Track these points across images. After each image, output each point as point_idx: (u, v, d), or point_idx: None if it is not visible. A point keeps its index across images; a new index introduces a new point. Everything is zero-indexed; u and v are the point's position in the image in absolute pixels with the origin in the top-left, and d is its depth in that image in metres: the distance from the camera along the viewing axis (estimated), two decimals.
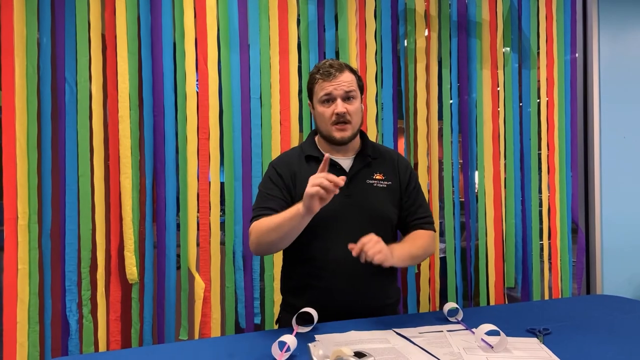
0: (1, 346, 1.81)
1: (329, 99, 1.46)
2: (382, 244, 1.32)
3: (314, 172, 1.46)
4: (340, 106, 1.44)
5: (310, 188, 1.22)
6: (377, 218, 1.52)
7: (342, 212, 1.47)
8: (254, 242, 1.44)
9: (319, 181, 1.21)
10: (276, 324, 1.69)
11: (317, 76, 1.48)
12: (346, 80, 1.46)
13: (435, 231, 1.63)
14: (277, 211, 1.43)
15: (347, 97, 1.46)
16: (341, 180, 1.22)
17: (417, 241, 1.52)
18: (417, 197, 1.60)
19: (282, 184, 1.50)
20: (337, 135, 1.47)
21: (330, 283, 1.48)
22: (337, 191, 1.23)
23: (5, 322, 1.81)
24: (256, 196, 1.55)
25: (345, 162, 1.53)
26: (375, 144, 1.64)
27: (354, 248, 1.31)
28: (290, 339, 1.17)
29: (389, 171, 1.56)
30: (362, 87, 1.54)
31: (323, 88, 1.46)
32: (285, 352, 1.16)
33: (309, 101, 1.57)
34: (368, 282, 1.51)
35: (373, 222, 1.49)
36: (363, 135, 1.60)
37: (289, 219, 1.31)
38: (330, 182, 1.21)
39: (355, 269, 1.47)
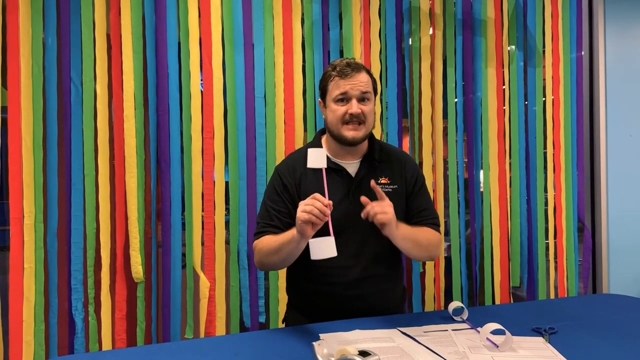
0: (7, 344, 1.82)
1: (344, 98, 1.43)
2: (391, 208, 1.32)
3: (319, 178, 1.46)
4: (355, 106, 1.41)
5: (301, 214, 1.23)
6: None
7: (347, 219, 1.45)
8: (257, 261, 1.48)
9: (309, 209, 1.22)
10: (283, 323, 1.69)
11: (334, 73, 1.44)
12: (363, 80, 1.43)
13: (440, 234, 1.58)
14: (280, 228, 1.45)
15: (362, 98, 1.43)
16: (329, 207, 1.23)
17: (422, 231, 1.50)
18: (421, 199, 1.56)
19: (287, 195, 1.49)
20: (349, 135, 1.43)
21: (335, 288, 1.48)
22: (328, 218, 1.24)
23: (11, 320, 1.81)
24: (260, 206, 1.55)
25: (352, 167, 1.50)
26: (384, 145, 1.60)
27: (364, 212, 1.31)
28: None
29: (396, 174, 1.53)
30: (376, 90, 1.51)
31: (339, 86, 1.42)
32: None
33: (319, 99, 1.53)
34: (373, 286, 1.50)
35: (377, 228, 1.49)
36: (371, 137, 1.56)
37: (286, 244, 1.33)
38: (319, 209, 1.22)
39: (360, 274, 1.48)
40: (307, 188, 1.47)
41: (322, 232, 1.26)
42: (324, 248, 1.24)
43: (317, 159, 1.30)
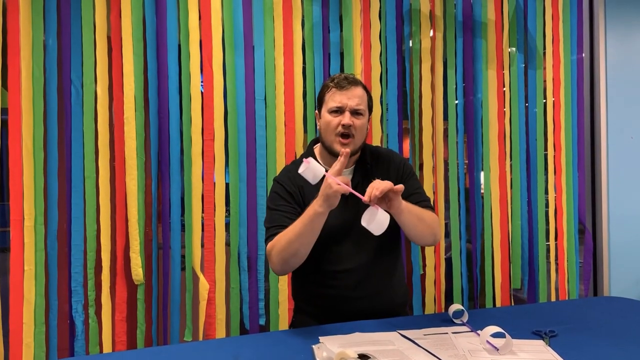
0: (8, 346, 1.82)
1: (338, 110, 1.47)
2: (387, 181, 1.31)
3: (318, 187, 1.46)
4: (347, 118, 1.45)
5: (338, 187, 1.25)
6: None
7: (347, 223, 1.48)
8: (277, 261, 1.42)
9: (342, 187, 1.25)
10: (290, 328, 1.70)
11: (331, 84, 1.49)
12: (358, 95, 1.48)
13: (437, 215, 1.58)
14: None
15: (355, 112, 1.47)
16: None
17: (423, 210, 1.49)
18: (408, 185, 1.53)
19: (292, 199, 1.51)
20: (339, 148, 1.45)
21: (340, 292, 1.51)
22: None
23: (11, 322, 1.81)
24: (266, 215, 1.55)
25: (346, 175, 1.54)
26: (372, 148, 1.64)
27: (366, 194, 1.28)
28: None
29: (386, 173, 1.56)
30: (371, 108, 1.56)
31: (334, 98, 1.47)
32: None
33: (316, 111, 1.57)
34: (377, 287, 1.53)
35: None
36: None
37: (309, 223, 1.32)
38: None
39: (363, 276, 1.51)
40: (312, 195, 1.48)
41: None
42: (381, 220, 1.25)
43: (314, 173, 1.30)
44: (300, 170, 1.31)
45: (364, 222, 1.26)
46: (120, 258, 1.98)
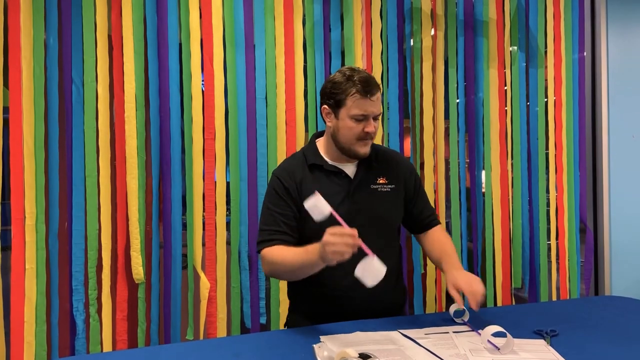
0: (9, 345, 1.82)
1: (364, 118, 1.43)
2: (481, 285, 1.39)
3: (319, 182, 1.46)
4: (372, 126, 1.43)
5: (333, 255, 1.23)
6: (381, 222, 1.53)
7: (347, 220, 1.45)
8: (267, 272, 1.47)
9: (341, 248, 1.22)
10: (285, 327, 1.70)
11: (353, 90, 1.40)
12: (379, 99, 1.45)
13: (440, 223, 1.69)
14: (287, 234, 1.45)
15: (376, 117, 1.46)
16: (354, 235, 1.24)
17: (448, 244, 1.60)
18: (421, 202, 1.63)
19: (289, 196, 1.48)
20: (361, 151, 1.46)
21: (337, 291, 1.49)
22: (359, 243, 1.25)
23: (12, 321, 1.82)
24: (262, 212, 1.53)
25: (350, 169, 1.53)
26: (378, 147, 1.63)
27: (459, 300, 1.38)
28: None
29: (392, 174, 1.56)
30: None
31: (359, 106, 1.40)
32: None
33: (324, 105, 1.48)
34: (375, 287, 1.50)
35: (377, 227, 1.50)
36: None
37: (309, 266, 1.34)
38: (349, 243, 1.23)
39: None
40: (309, 190, 1.47)
41: None
42: (376, 270, 1.24)
43: (320, 211, 1.29)
44: (306, 205, 1.29)
45: (357, 273, 1.24)
46: (121, 257, 1.98)
